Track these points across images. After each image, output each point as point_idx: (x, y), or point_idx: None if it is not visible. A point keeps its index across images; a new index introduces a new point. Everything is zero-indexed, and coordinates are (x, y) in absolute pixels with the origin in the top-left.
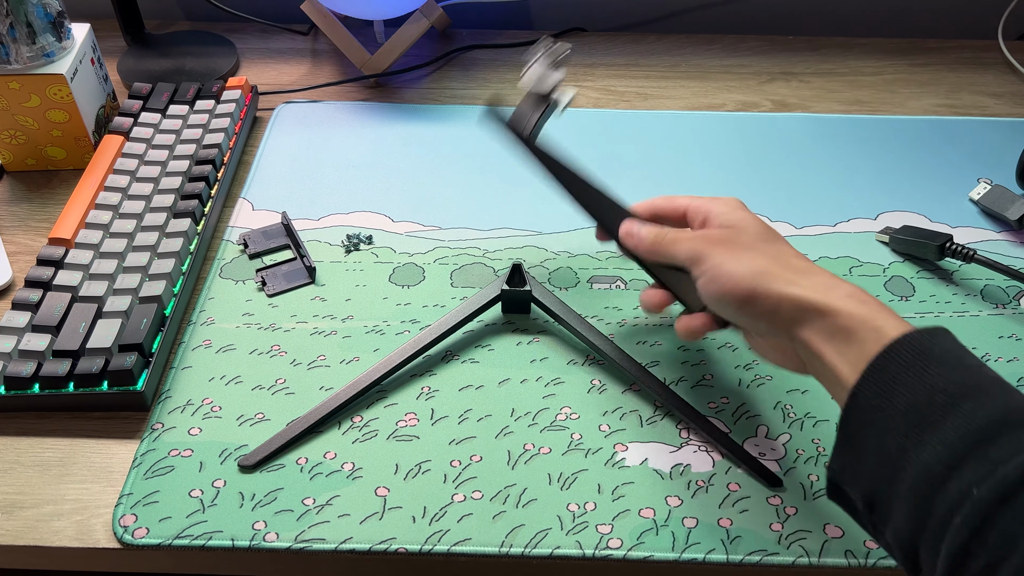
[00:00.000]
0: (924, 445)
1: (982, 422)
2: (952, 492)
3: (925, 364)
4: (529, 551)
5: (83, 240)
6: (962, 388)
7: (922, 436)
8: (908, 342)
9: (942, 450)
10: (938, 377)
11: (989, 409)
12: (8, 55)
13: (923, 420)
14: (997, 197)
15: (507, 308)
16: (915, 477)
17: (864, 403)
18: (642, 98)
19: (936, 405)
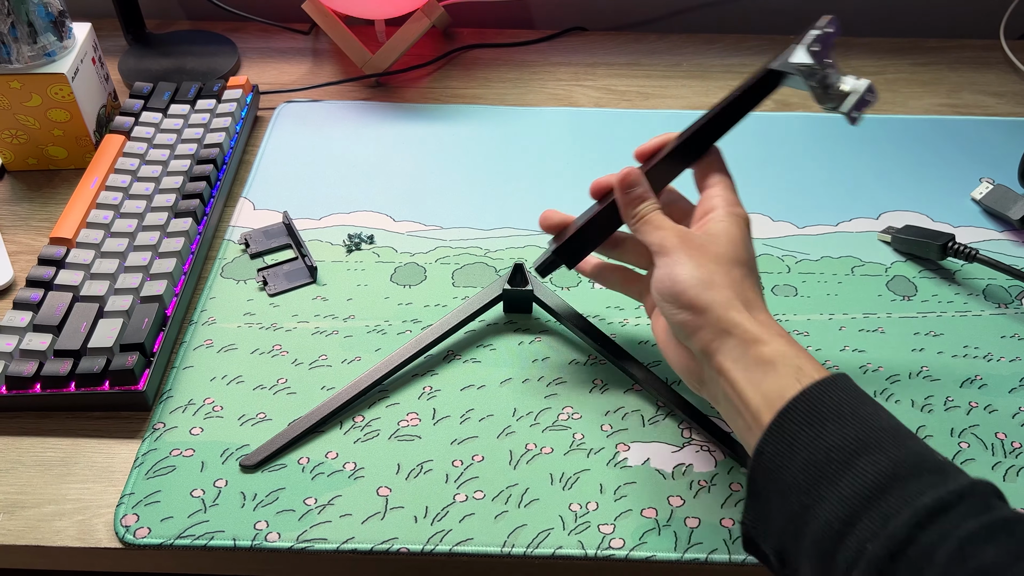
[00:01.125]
0: (823, 502)
1: (874, 477)
2: (850, 549)
3: (823, 420)
4: (531, 551)
5: (84, 240)
6: (856, 444)
7: (821, 493)
8: (806, 398)
9: (839, 507)
10: (834, 433)
11: (880, 464)
12: (9, 54)
13: (822, 477)
14: (999, 197)
15: (509, 308)
16: (816, 534)
17: (768, 462)
18: (643, 97)
19: (833, 462)
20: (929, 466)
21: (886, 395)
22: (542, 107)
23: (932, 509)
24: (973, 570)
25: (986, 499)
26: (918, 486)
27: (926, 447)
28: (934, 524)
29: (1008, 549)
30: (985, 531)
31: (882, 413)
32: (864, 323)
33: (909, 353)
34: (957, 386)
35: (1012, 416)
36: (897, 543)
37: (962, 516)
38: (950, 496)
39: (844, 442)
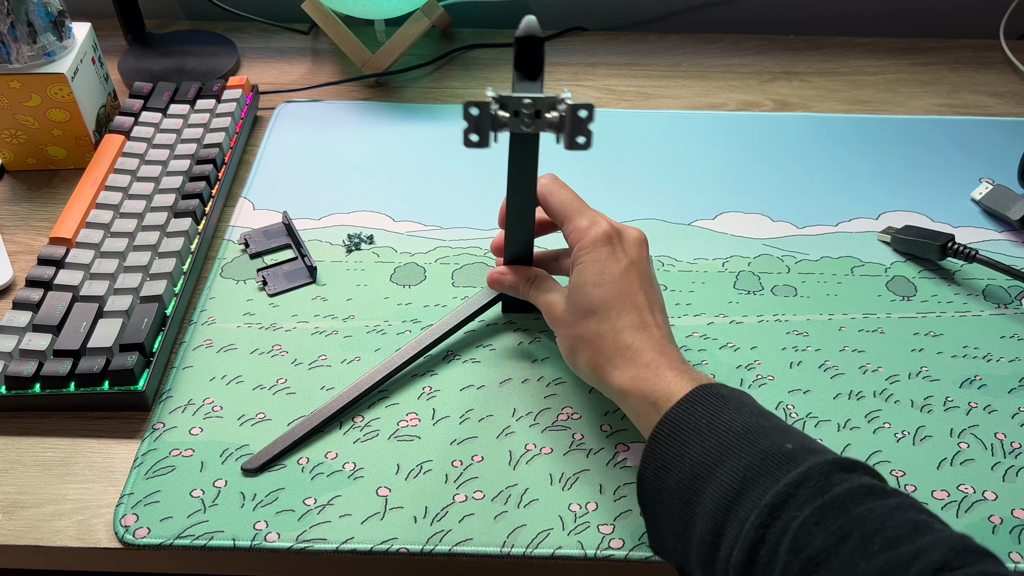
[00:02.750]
0: (696, 519)
1: (729, 484)
2: (722, 559)
3: (684, 438)
4: (531, 551)
5: (84, 239)
6: (714, 454)
7: (693, 510)
8: (669, 420)
9: (708, 520)
10: (694, 449)
11: (732, 472)
12: (9, 54)
13: (692, 494)
14: (999, 197)
15: (508, 307)
16: (697, 550)
17: (649, 485)
18: (643, 97)
19: (698, 477)
20: (775, 460)
21: (885, 395)
22: None
23: (773, 505)
24: (805, 559)
25: (824, 479)
26: (765, 483)
27: (776, 440)
28: (778, 519)
29: (835, 529)
30: (816, 515)
31: (738, 417)
32: (864, 323)
33: (909, 353)
34: (956, 386)
35: (1012, 416)
36: (750, 546)
37: (799, 505)
38: (787, 488)
39: (703, 456)
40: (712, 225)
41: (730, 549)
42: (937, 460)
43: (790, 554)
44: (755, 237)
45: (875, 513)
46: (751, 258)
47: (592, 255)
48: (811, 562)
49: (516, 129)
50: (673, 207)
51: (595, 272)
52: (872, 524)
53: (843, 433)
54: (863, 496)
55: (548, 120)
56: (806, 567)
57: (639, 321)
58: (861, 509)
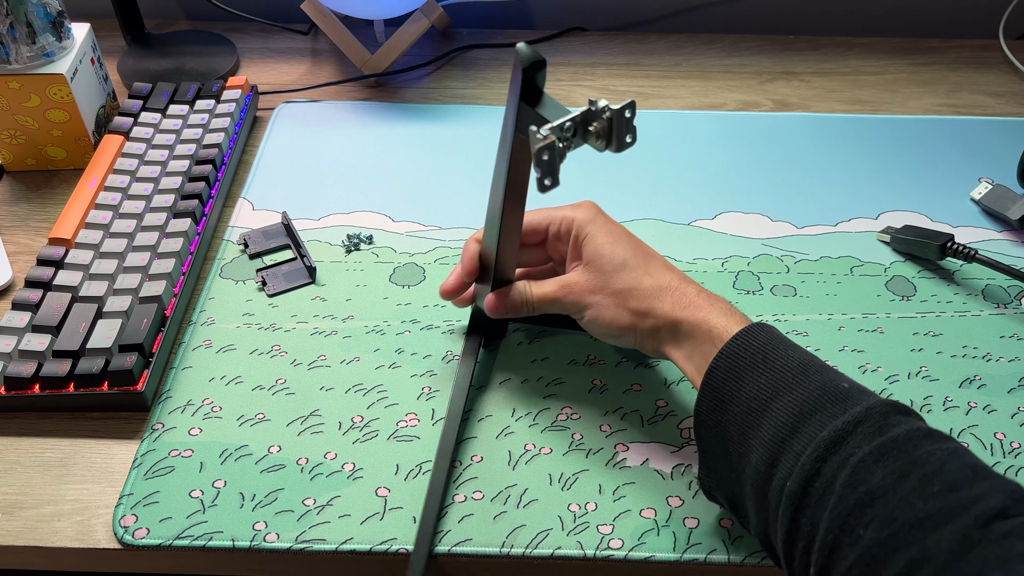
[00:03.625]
0: (751, 450)
1: (785, 418)
2: (775, 488)
3: (740, 373)
4: (530, 551)
5: (83, 240)
6: (770, 389)
7: (749, 442)
8: (725, 356)
9: (763, 451)
10: (751, 383)
11: (788, 406)
12: (8, 55)
13: (748, 427)
14: (998, 197)
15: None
16: (751, 479)
17: (705, 419)
18: (643, 97)
19: (753, 411)
20: (831, 397)
21: (885, 395)
22: None
23: (831, 440)
24: (862, 493)
25: (883, 419)
26: (822, 419)
27: (831, 378)
28: (835, 454)
29: (894, 468)
30: (875, 453)
31: (792, 354)
32: (863, 323)
33: (908, 353)
34: (956, 386)
35: (1011, 416)
36: (805, 478)
37: (858, 441)
38: (846, 425)
39: (760, 391)
40: (711, 225)
41: (784, 480)
42: None
43: (847, 488)
44: (754, 237)
45: (934, 456)
46: (750, 258)
47: (595, 223)
48: (867, 496)
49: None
50: (672, 207)
51: (607, 232)
52: (931, 467)
53: None
54: (922, 439)
55: (593, 131)
56: (862, 501)
57: (664, 264)
58: (920, 451)
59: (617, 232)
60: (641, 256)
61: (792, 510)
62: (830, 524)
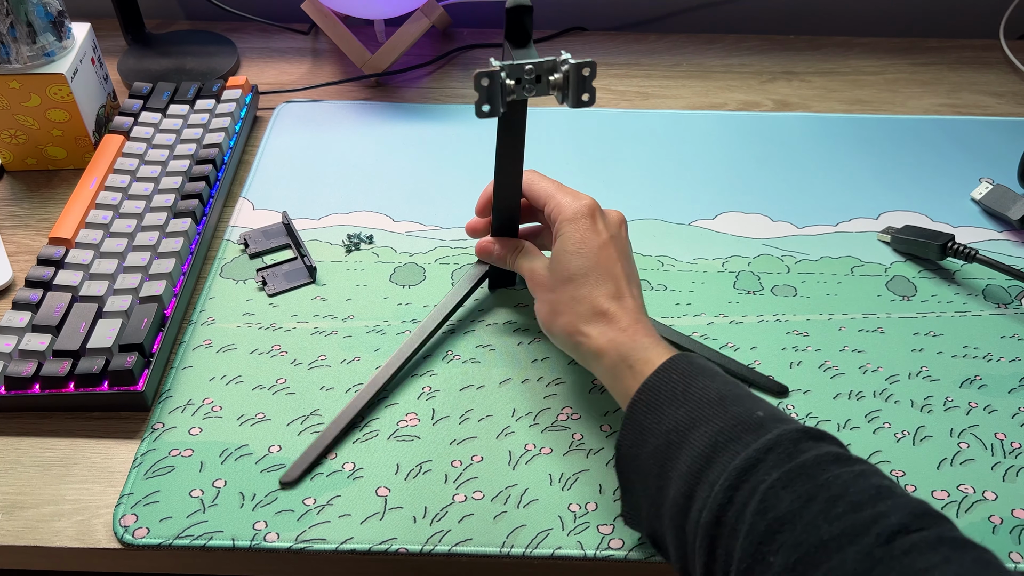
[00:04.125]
0: (670, 483)
1: (701, 449)
2: (692, 520)
3: (659, 405)
4: (530, 552)
5: (83, 240)
6: (688, 421)
7: (667, 475)
8: (647, 388)
9: (680, 484)
10: (670, 416)
11: (703, 438)
12: (8, 54)
13: (666, 459)
14: (999, 197)
15: (494, 284)
16: (669, 513)
17: (625, 453)
18: (643, 97)
19: (672, 444)
20: (746, 426)
21: (885, 395)
22: (542, 107)
23: (742, 469)
24: (771, 519)
25: (793, 446)
26: (735, 448)
27: (748, 407)
28: (746, 482)
29: (801, 492)
30: (783, 479)
31: (711, 384)
32: (864, 323)
33: (909, 353)
34: (957, 386)
35: (1012, 416)
36: (718, 507)
37: (767, 469)
38: (757, 453)
39: (678, 423)
40: (712, 225)
41: (700, 511)
42: (937, 460)
43: (756, 515)
44: (755, 237)
45: (840, 479)
46: (751, 258)
47: (573, 226)
48: (776, 523)
49: (520, 96)
50: (673, 207)
51: (576, 241)
52: (836, 489)
53: (843, 433)
54: (829, 463)
55: (552, 83)
56: (771, 527)
57: (615, 290)
58: (827, 475)
59: (588, 243)
60: (595, 276)
61: (708, 541)
62: (742, 553)
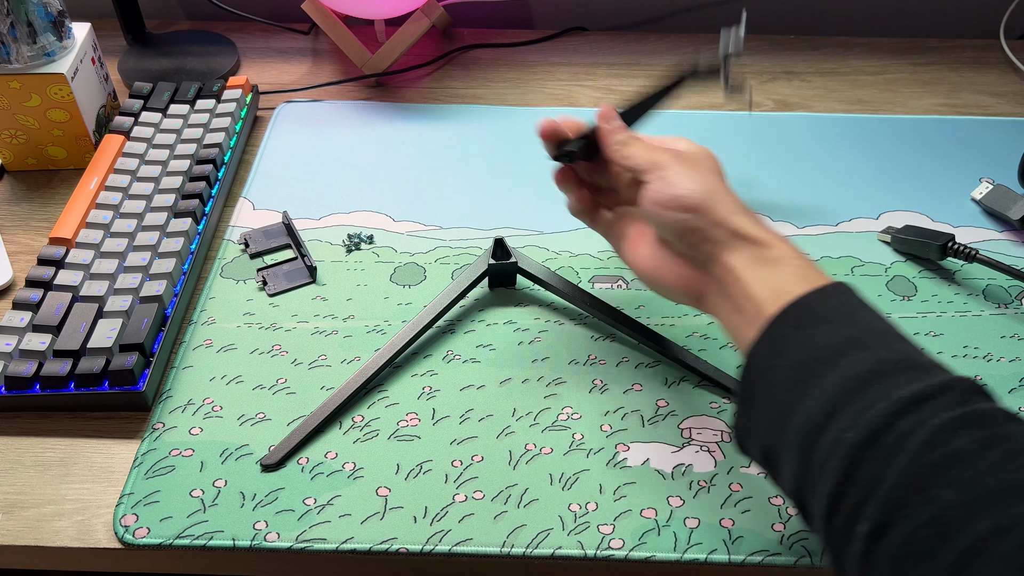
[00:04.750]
0: (807, 398)
1: (856, 373)
2: (828, 439)
3: (813, 323)
4: (531, 551)
5: (84, 240)
6: (844, 345)
7: (806, 390)
8: (801, 304)
9: (822, 401)
10: (824, 336)
11: (864, 362)
12: (9, 54)
13: (808, 376)
14: (999, 197)
15: (494, 283)
16: (798, 427)
17: (759, 363)
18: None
19: (820, 361)
20: (914, 364)
21: None
22: (542, 107)
23: (910, 400)
24: (942, 455)
25: (966, 393)
26: (900, 381)
27: (916, 349)
28: (911, 414)
29: (978, 437)
30: (958, 421)
31: (878, 318)
32: None
33: None
34: None
35: None
36: (872, 431)
37: (939, 407)
38: (929, 389)
39: (832, 343)
40: None
41: (843, 431)
42: None
43: (924, 447)
44: None
45: (1020, 434)
46: None
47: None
48: (949, 458)
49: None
50: None
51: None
52: (1019, 443)
53: None
54: (1006, 419)
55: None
56: (942, 462)
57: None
58: (1006, 428)
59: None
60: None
61: (849, 462)
62: (900, 480)
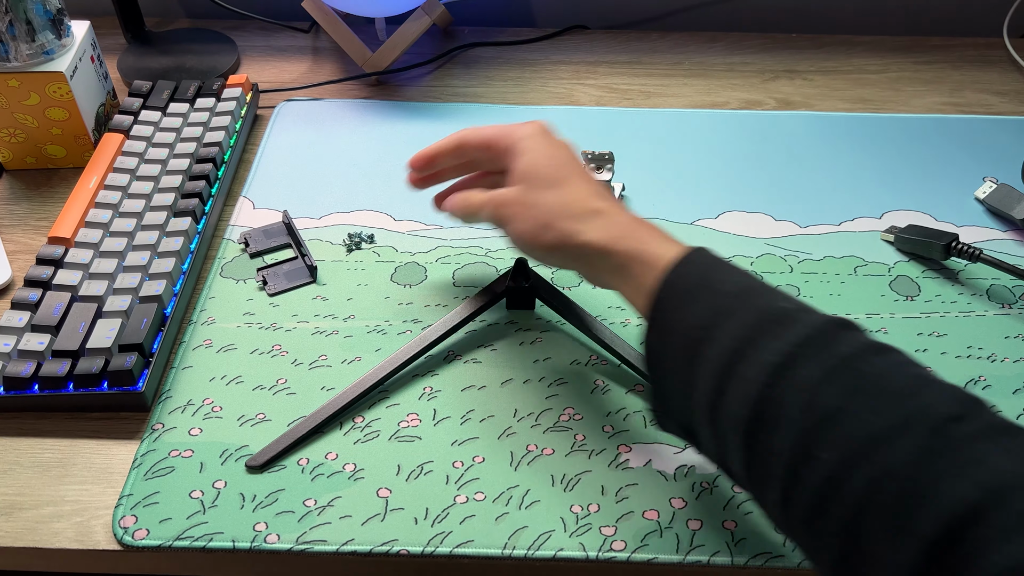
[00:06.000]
0: (699, 378)
1: (729, 344)
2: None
3: (683, 301)
4: (532, 553)
5: (83, 239)
6: (711, 316)
7: (696, 370)
8: (667, 286)
9: (710, 379)
10: (693, 312)
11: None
12: (7, 53)
13: (694, 355)
14: (1003, 196)
15: (511, 304)
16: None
17: (654, 351)
18: (645, 96)
19: (699, 340)
20: (773, 319)
21: None
22: (543, 106)
23: (779, 365)
24: (820, 416)
25: (828, 337)
26: (766, 343)
27: (770, 298)
28: (783, 379)
29: (846, 387)
30: (827, 375)
31: (731, 278)
32: (867, 323)
33: (912, 353)
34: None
35: (1016, 417)
36: (757, 403)
37: (807, 365)
38: (792, 348)
39: (702, 319)
40: (715, 224)
41: (735, 407)
42: None
43: (803, 412)
44: (758, 237)
45: (882, 371)
46: (754, 258)
47: (536, 139)
48: (825, 419)
49: None
50: (675, 207)
51: (545, 150)
52: (881, 382)
53: None
54: (869, 354)
55: None
56: (819, 423)
57: (600, 190)
58: (869, 368)
59: (557, 149)
60: (576, 178)
61: (746, 437)
62: (789, 449)
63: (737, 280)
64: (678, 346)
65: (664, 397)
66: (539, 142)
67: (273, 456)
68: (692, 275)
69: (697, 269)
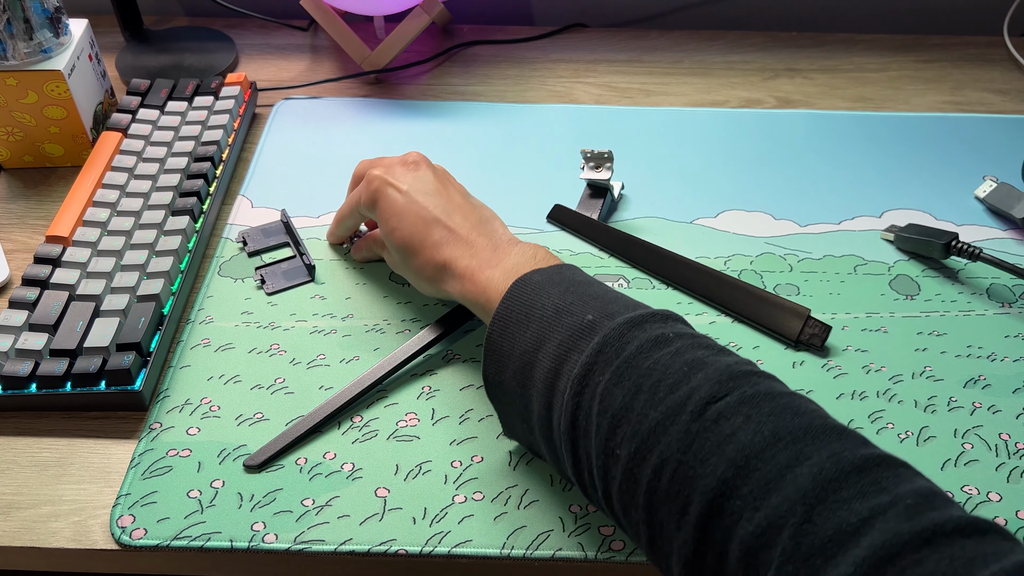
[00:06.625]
0: (532, 400)
1: (549, 364)
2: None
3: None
4: (531, 553)
5: (81, 238)
6: (535, 341)
7: (529, 394)
8: (496, 319)
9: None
10: (520, 339)
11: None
12: (5, 51)
13: (525, 380)
14: (1003, 195)
15: None
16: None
17: (492, 381)
18: (645, 94)
19: (527, 365)
20: (580, 333)
21: (889, 395)
22: (543, 104)
23: (581, 376)
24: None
25: (618, 341)
26: (574, 358)
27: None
28: (586, 388)
29: (629, 386)
30: (614, 376)
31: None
32: (867, 322)
33: (912, 353)
34: (960, 386)
35: (1016, 416)
36: (571, 414)
37: (601, 370)
38: (589, 357)
39: (527, 345)
40: (714, 223)
41: (559, 420)
42: (941, 461)
43: (600, 416)
44: (757, 235)
45: (660, 363)
46: (753, 257)
47: (378, 209)
48: (615, 419)
49: None
50: (675, 205)
51: (386, 218)
52: (657, 374)
53: None
54: (650, 349)
55: None
56: (612, 424)
57: (441, 236)
58: (648, 362)
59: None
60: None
61: (569, 445)
62: (596, 451)
63: (554, 302)
64: (512, 374)
65: (509, 423)
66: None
67: (271, 455)
68: (516, 306)
69: (521, 300)
